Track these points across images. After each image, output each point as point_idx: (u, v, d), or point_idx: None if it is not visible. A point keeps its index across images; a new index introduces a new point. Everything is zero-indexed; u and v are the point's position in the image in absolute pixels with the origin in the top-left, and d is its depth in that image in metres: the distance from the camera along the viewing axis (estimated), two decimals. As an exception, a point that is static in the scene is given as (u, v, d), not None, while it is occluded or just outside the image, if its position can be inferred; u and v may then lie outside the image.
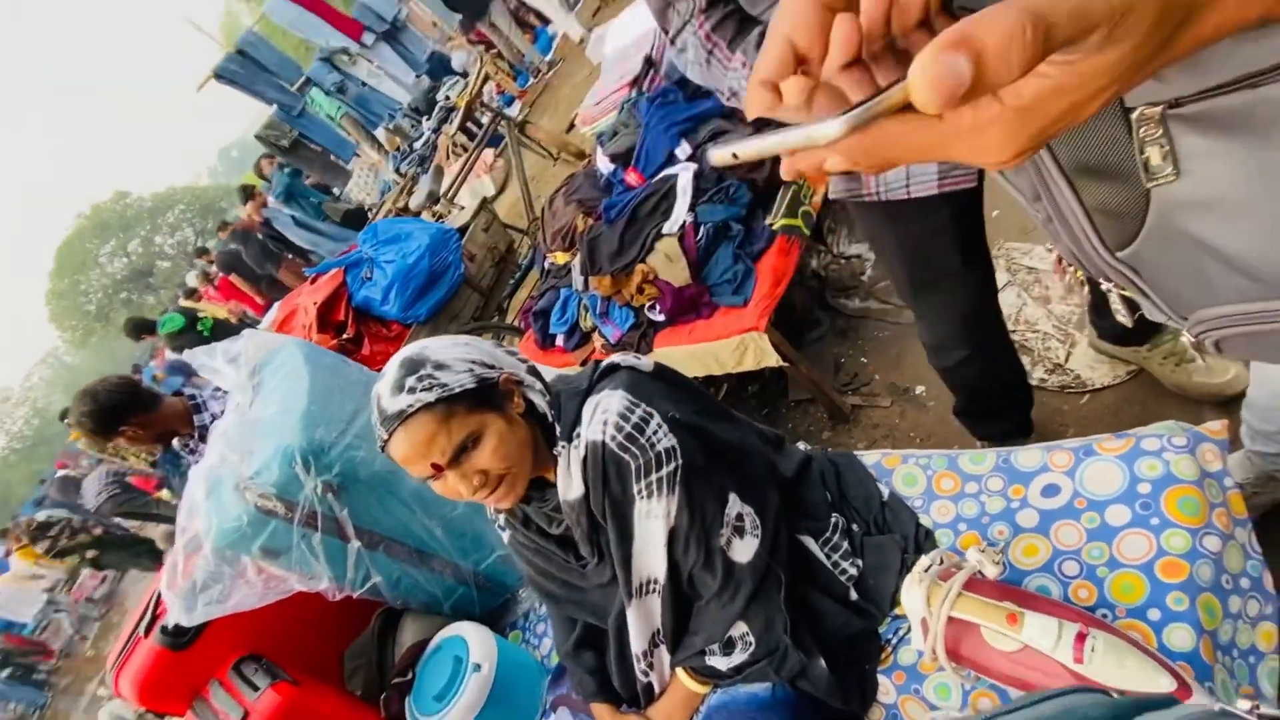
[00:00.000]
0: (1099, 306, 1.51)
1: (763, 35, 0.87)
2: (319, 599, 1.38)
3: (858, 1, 0.33)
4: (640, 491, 0.93)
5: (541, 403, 0.99)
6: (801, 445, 1.26)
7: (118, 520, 6.39)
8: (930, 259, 1.19)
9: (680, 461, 0.93)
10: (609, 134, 2.31)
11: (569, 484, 0.97)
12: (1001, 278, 1.95)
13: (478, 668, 1.27)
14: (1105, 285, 0.57)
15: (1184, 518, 0.85)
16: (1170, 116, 0.38)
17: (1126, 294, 0.57)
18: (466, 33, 7.03)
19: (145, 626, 1.40)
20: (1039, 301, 1.85)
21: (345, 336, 2.57)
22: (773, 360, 1.76)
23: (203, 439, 2.14)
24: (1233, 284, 0.43)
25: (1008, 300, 1.91)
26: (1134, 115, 0.39)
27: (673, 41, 0.95)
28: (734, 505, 0.98)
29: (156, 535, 6.00)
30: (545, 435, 0.99)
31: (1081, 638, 0.72)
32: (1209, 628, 0.78)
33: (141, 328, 7.30)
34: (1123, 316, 0.61)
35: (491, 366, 0.95)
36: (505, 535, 1.10)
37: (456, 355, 0.94)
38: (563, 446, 0.97)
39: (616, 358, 1.04)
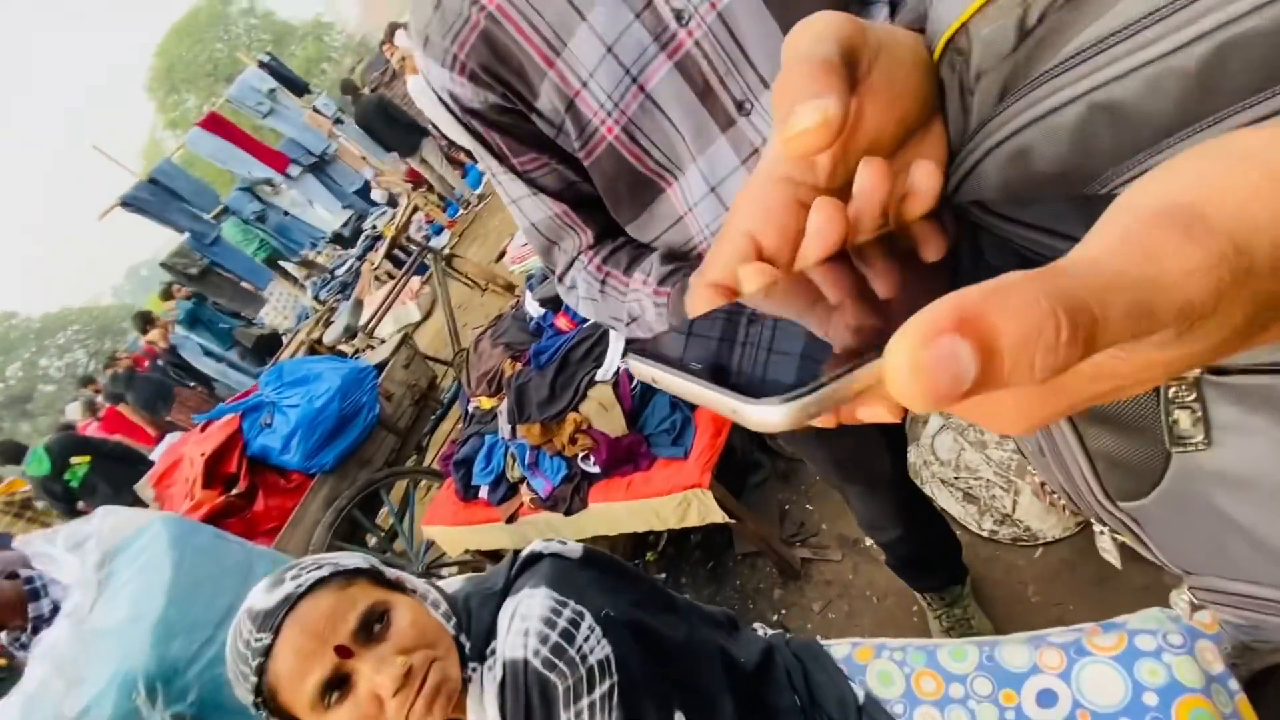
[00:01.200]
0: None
1: (665, 257, 0.81)
2: None
3: (835, 186, 0.26)
4: None
5: (437, 615, 0.82)
6: (759, 629, 1.12)
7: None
8: (861, 466, 1.20)
9: (616, 678, 0.77)
10: (538, 278, 2.26)
11: None
12: (935, 421, 1.95)
13: None
14: (1099, 528, 0.50)
15: (1201, 736, 0.75)
16: (1208, 382, 0.32)
17: (1120, 538, 0.49)
18: (398, 164, 7.19)
19: None
20: (976, 446, 1.84)
21: (235, 491, 2.27)
22: (718, 517, 1.64)
23: (37, 630, 1.76)
24: (1258, 565, 0.36)
25: (944, 445, 1.89)
26: None
27: (561, 280, 0.89)
28: None
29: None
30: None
31: None
32: None
33: (10, 455, 6.43)
34: (1112, 558, 0.53)
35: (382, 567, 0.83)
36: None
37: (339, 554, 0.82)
38: (474, 669, 0.80)
39: (538, 545, 0.90)
